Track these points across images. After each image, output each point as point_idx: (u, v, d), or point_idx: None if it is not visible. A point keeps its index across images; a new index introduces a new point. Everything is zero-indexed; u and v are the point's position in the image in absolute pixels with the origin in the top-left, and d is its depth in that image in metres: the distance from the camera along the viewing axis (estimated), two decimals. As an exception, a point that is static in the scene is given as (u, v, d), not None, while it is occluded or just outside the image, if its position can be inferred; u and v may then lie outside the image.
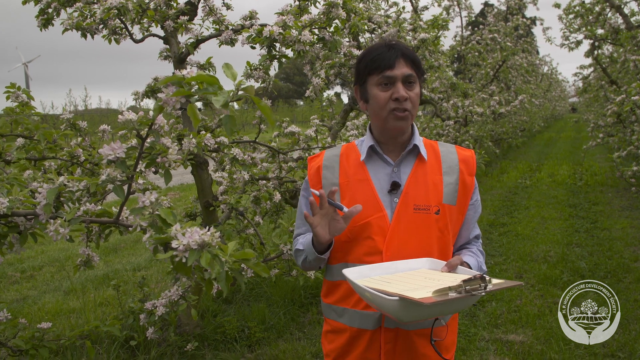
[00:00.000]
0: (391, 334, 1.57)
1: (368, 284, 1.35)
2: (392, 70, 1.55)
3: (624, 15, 8.07)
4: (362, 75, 1.63)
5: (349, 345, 1.63)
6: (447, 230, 1.59)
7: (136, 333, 3.58)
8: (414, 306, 1.20)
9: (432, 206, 1.57)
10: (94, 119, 22.47)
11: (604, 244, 6.20)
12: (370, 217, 1.57)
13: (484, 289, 1.22)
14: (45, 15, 3.68)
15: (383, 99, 1.57)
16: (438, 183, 1.60)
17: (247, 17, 3.41)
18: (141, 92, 4.36)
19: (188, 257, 1.17)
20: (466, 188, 1.63)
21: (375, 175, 1.63)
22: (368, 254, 1.57)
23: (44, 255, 6.90)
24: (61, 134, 2.90)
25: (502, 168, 13.17)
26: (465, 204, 1.64)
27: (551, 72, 26.43)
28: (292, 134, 4.08)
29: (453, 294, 1.19)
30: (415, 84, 1.58)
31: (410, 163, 1.63)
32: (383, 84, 1.57)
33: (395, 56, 1.56)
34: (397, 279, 1.39)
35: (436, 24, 5.59)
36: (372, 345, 1.59)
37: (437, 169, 1.63)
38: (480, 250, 1.72)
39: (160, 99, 1.24)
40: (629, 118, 7.06)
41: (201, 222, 3.85)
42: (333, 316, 1.68)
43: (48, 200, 1.43)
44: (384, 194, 1.60)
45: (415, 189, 1.59)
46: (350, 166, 1.66)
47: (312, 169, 1.72)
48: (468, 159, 1.67)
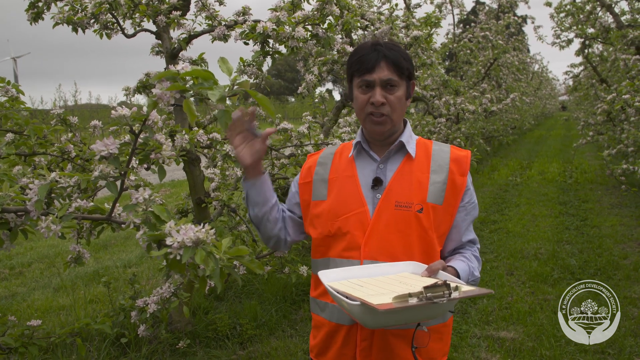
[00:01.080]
0: (367, 332, 1.55)
1: (339, 286, 1.32)
2: (370, 74, 1.54)
3: (614, 15, 8.11)
4: (349, 75, 1.65)
5: (328, 340, 1.62)
6: (431, 230, 1.56)
7: (127, 330, 3.56)
8: (373, 312, 1.15)
9: (415, 204, 1.55)
10: (83, 114, 22.21)
11: (593, 241, 6.25)
12: (351, 212, 1.57)
13: (448, 296, 1.16)
14: (35, 9, 3.63)
15: (362, 102, 1.58)
16: (423, 181, 1.58)
17: (240, 13, 3.39)
18: (132, 88, 4.32)
19: (182, 255, 1.15)
20: (456, 188, 1.59)
21: (361, 172, 1.63)
22: (347, 248, 1.56)
23: (33, 252, 6.84)
24: (52, 130, 2.87)
25: (493, 166, 13.23)
26: (454, 205, 1.60)
27: (542, 70, 26.56)
28: (284, 131, 4.06)
29: (413, 301, 1.14)
30: (396, 87, 1.56)
31: (397, 160, 1.63)
32: (363, 87, 1.57)
33: (376, 59, 1.55)
34: (372, 283, 1.36)
35: (429, 22, 5.59)
36: (349, 341, 1.58)
37: (425, 167, 1.61)
38: (476, 256, 1.66)
39: (155, 94, 1.22)
40: (619, 116, 7.11)
41: (193, 218, 3.83)
42: (317, 310, 1.68)
43: (39, 196, 1.41)
44: (368, 190, 1.59)
45: (399, 186, 1.57)
46: (342, 163, 1.68)
47: (305, 165, 1.75)
48: (461, 159, 1.63)
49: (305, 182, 1.72)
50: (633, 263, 5.30)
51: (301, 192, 1.72)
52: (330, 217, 1.60)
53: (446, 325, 1.63)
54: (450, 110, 7.53)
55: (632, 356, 3.45)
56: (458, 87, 7.88)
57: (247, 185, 1.63)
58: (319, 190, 1.66)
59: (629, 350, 3.50)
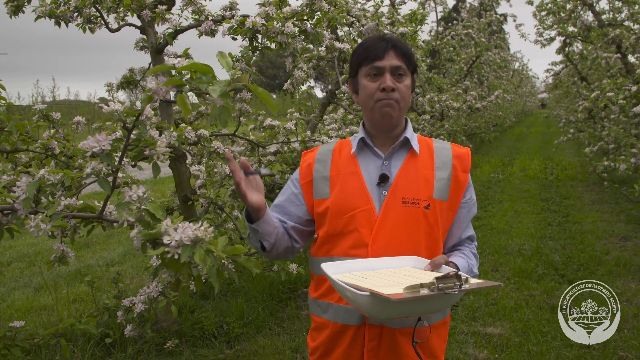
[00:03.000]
0: (376, 331, 1.53)
1: (344, 279, 1.31)
2: (381, 60, 1.54)
3: (595, 13, 8.21)
4: (354, 67, 1.62)
5: (332, 342, 1.59)
6: (436, 226, 1.55)
7: (112, 330, 3.49)
8: (385, 302, 1.16)
9: (422, 200, 1.54)
10: (62, 110, 21.91)
11: (576, 237, 6.32)
12: (357, 209, 1.55)
13: (459, 287, 1.17)
14: (15, 1, 3.53)
15: (371, 89, 1.56)
16: (429, 177, 1.57)
17: (227, 8, 3.33)
18: (115, 84, 4.25)
19: (181, 254, 1.12)
20: (459, 184, 1.60)
21: (365, 168, 1.60)
22: (354, 247, 1.53)
23: (12, 251, 6.69)
24: (34, 126, 2.79)
25: (475, 162, 13.31)
26: (457, 201, 1.61)
27: (522, 68, 26.81)
28: (271, 128, 4.03)
29: (425, 291, 1.15)
30: (405, 76, 1.57)
31: (401, 157, 1.61)
32: (372, 75, 1.56)
33: (386, 47, 1.55)
34: (375, 276, 1.35)
35: (414, 18, 5.59)
36: (356, 342, 1.55)
37: (430, 163, 1.60)
38: (474, 253, 1.67)
39: (150, 89, 1.19)
40: (599, 114, 7.21)
41: (179, 216, 3.78)
42: (317, 312, 1.65)
43: (28, 194, 1.37)
44: (373, 187, 1.57)
45: (405, 182, 1.56)
46: (342, 159, 1.64)
47: (304, 164, 1.71)
48: (463, 156, 1.64)
49: (307, 181, 1.67)
50: (615, 258, 5.38)
51: (304, 191, 1.67)
52: (334, 214, 1.57)
53: (445, 322, 1.63)
54: (435, 107, 7.56)
55: (617, 350, 3.49)
56: (441, 85, 7.92)
57: (259, 223, 1.55)
58: (321, 187, 1.63)
59: (613, 345, 3.54)
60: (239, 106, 3.46)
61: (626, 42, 6.85)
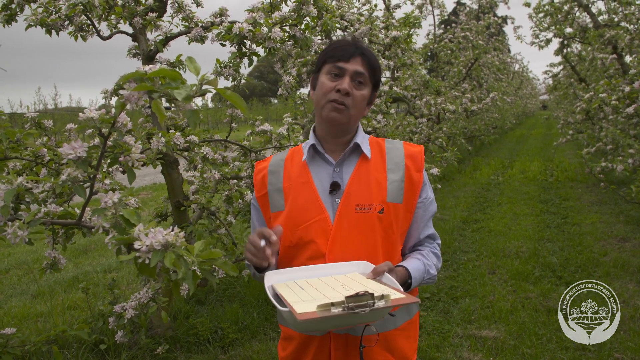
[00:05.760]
0: (341, 341, 1.51)
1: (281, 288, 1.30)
2: (345, 62, 1.52)
3: (591, 15, 8.22)
4: (319, 63, 1.60)
5: (299, 353, 1.58)
6: (391, 230, 1.53)
7: (106, 337, 3.50)
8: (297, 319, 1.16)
9: (375, 205, 1.51)
10: (64, 117, 21.98)
11: (574, 238, 6.31)
12: (312, 219, 1.52)
13: (372, 306, 1.16)
14: (8, 10, 3.56)
15: (327, 87, 1.52)
16: (382, 181, 1.55)
17: (217, 14, 3.35)
18: (110, 90, 4.27)
19: (151, 258, 1.13)
20: (413, 185, 1.57)
21: (317, 177, 1.57)
22: (311, 257, 1.51)
23: (10, 258, 6.71)
24: (25, 133, 2.80)
25: (475, 165, 13.32)
26: (413, 202, 1.58)
27: (522, 70, 26.82)
28: (264, 133, 4.04)
29: (336, 311, 1.15)
30: (364, 85, 1.55)
31: (353, 162, 1.58)
32: (333, 74, 1.53)
33: (354, 52, 1.54)
34: (314, 285, 1.34)
35: (408, 22, 5.60)
36: (322, 352, 1.54)
37: (382, 166, 1.57)
38: (435, 253, 1.64)
39: (122, 96, 1.20)
40: (597, 115, 7.20)
41: (172, 222, 3.79)
42: (284, 322, 1.63)
43: (5, 201, 1.37)
44: (326, 195, 1.54)
45: (358, 188, 1.53)
46: (294, 169, 1.61)
47: (257, 175, 1.67)
48: (415, 155, 1.61)
49: (261, 195, 1.64)
50: (612, 260, 5.36)
51: (261, 205, 1.65)
52: (289, 226, 1.54)
53: (412, 322, 1.62)
54: (432, 111, 7.56)
55: (612, 352, 3.48)
56: (439, 87, 7.92)
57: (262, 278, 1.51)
58: (276, 200, 1.60)
59: (609, 347, 3.53)
60: (230, 112, 3.47)
61: (622, 43, 6.85)
